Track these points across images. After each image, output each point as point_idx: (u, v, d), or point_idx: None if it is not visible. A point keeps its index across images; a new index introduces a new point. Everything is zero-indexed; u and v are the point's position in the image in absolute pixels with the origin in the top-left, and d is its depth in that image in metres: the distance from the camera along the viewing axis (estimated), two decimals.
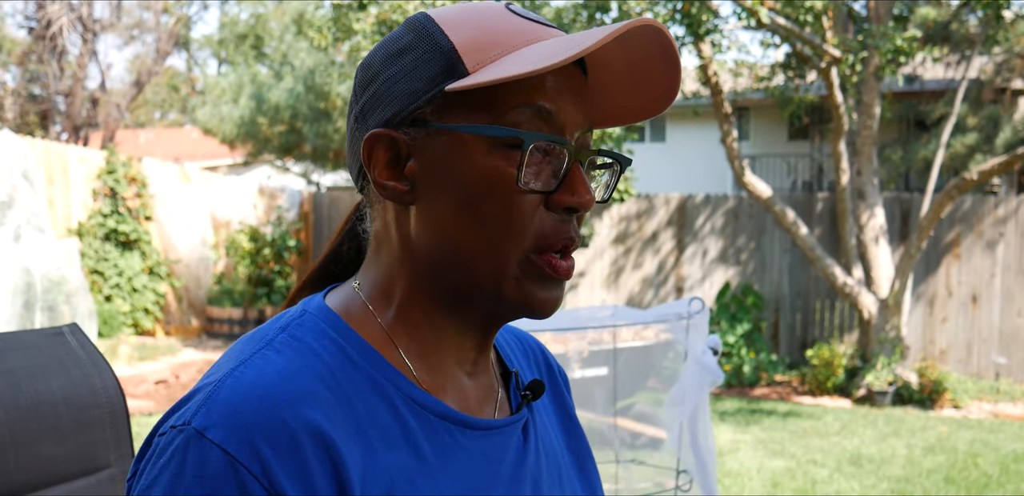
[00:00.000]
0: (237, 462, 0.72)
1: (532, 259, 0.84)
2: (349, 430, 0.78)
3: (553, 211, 0.84)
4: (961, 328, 9.88)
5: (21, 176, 8.43)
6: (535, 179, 0.83)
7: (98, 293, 9.95)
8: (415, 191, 0.86)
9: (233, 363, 0.81)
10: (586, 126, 0.87)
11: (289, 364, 0.79)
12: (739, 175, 9.27)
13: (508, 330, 1.09)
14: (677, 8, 8.20)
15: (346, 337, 0.85)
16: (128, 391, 7.34)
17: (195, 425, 0.74)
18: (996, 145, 13.36)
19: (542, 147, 0.83)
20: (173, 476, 0.73)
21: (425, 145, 0.85)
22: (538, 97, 0.83)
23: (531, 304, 0.85)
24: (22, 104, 21.46)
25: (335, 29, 8.91)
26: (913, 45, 8.06)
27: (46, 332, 1.55)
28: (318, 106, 15.74)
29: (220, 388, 0.77)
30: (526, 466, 0.90)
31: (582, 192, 0.84)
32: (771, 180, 17.68)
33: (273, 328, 0.85)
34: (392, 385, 0.84)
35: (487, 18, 0.86)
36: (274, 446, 0.73)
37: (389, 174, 0.87)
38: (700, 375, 3.04)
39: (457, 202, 0.84)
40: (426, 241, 0.86)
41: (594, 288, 11.43)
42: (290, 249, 12.17)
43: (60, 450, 1.43)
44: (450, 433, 0.85)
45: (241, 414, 0.74)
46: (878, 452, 6.64)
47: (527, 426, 0.94)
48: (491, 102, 0.83)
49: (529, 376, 1.03)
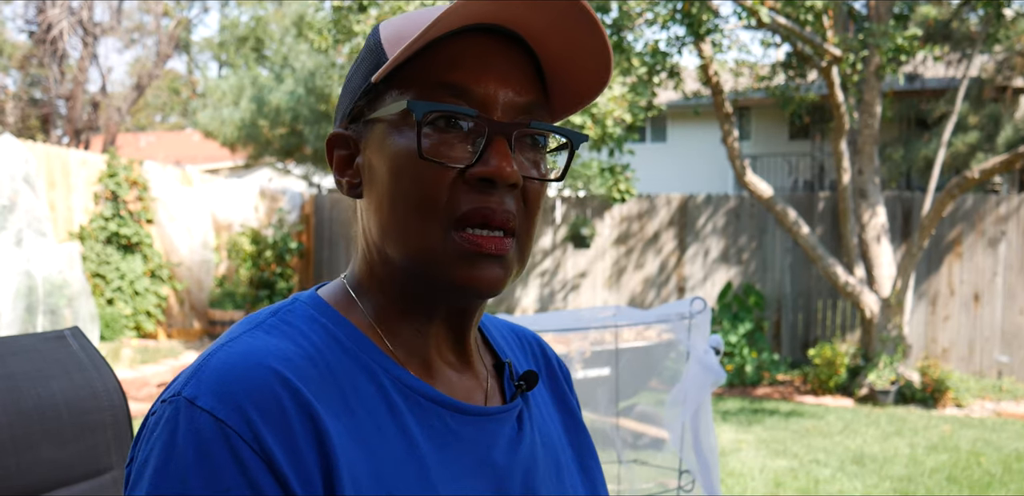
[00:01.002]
0: (227, 427, 0.72)
1: (453, 237, 0.82)
2: (335, 407, 0.78)
3: (470, 185, 0.82)
4: (963, 327, 9.87)
5: (22, 180, 8.44)
6: (447, 152, 0.82)
7: (100, 296, 9.96)
8: (363, 184, 0.88)
9: (224, 340, 0.82)
10: (526, 105, 0.85)
11: (278, 342, 0.80)
12: (740, 175, 9.26)
13: (503, 324, 1.08)
14: (677, 8, 8.20)
15: (336, 322, 0.86)
16: (130, 394, 7.35)
17: (185, 395, 0.75)
18: (997, 144, 13.35)
19: (448, 118, 0.82)
20: (166, 445, 0.73)
21: (365, 137, 0.88)
22: (451, 76, 0.83)
23: (460, 282, 0.83)
24: (23, 108, 21.47)
25: (335, 31, 8.92)
26: (914, 44, 8.06)
27: (48, 336, 1.55)
28: (319, 108, 15.74)
29: (209, 360, 0.78)
30: (519, 455, 0.89)
31: (496, 162, 0.81)
32: (772, 180, 17.67)
33: (264, 313, 0.86)
34: (381, 368, 0.84)
35: (424, 12, 0.87)
36: (262, 412, 0.74)
37: (343, 171, 0.90)
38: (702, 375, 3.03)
39: (382, 186, 0.85)
40: (374, 231, 0.87)
41: (596, 288, 11.43)
42: (292, 251, 12.17)
43: (62, 453, 1.43)
44: (440, 417, 0.85)
45: (229, 382, 0.75)
46: (881, 451, 6.64)
47: (521, 416, 0.93)
48: (410, 85, 0.84)
49: (524, 368, 1.02)
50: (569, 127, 0.91)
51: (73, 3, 19.49)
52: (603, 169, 9.71)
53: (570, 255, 11.57)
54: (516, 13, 0.82)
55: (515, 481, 0.88)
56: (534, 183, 0.86)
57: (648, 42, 8.92)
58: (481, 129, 0.83)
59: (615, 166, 9.44)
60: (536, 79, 0.88)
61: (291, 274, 12.37)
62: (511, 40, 0.86)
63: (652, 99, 8.74)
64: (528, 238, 0.88)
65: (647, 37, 13.22)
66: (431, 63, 0.83)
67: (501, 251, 0.83)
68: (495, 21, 0.84)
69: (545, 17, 0.83)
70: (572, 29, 0.84)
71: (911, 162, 14.66)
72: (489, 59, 0.84)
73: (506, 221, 0.83)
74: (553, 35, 0.85)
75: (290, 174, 19.88)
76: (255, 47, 21.22)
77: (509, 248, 0.84)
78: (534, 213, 0.87)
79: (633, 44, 8.83)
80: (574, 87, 0.89)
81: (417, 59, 0.83)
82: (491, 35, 0.85)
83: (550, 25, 0.84)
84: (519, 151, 0.85)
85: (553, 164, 0.93)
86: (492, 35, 0.85)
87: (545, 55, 0.87)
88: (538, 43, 0.86)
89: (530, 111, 0.86)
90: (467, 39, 0.84)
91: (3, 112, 20.67)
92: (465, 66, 0.83)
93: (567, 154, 0.90)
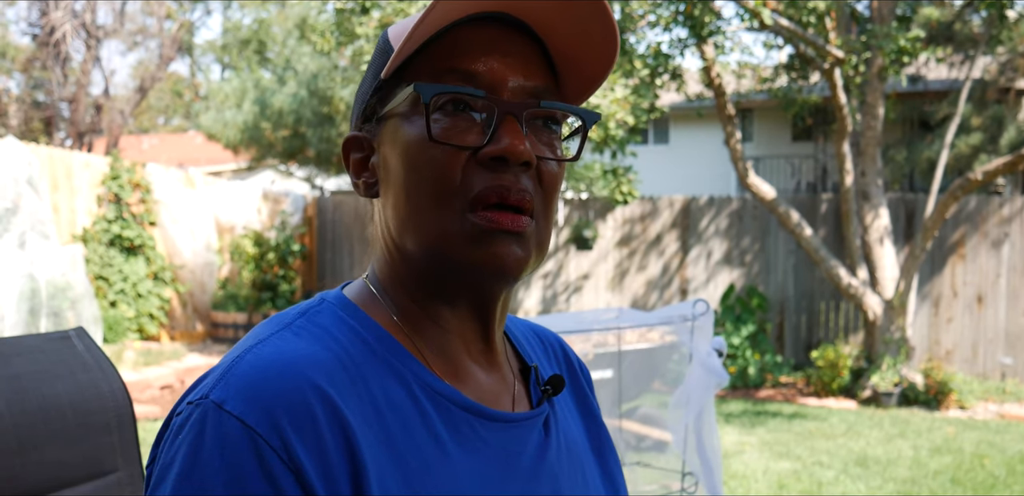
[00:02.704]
0: (256, 434, 0.71)
1: (469, 217, 0.82)
2: (365, 411, 0.77)
3: (483, 165, 0.82)
4: (967, 328, 9.86)
5: (26, 183, 8.45)
6: (459, 135, 0.82)
7: (103, 299, 9.97)
8: (379, 182, 0.88)
9: (252, 341, 0.81)
10: (535, 90, 0.85)
11: (308, 345, 0.79)
12: (743, 177, 9.26)
13: (525, 325, 1.07)
14: (680, 10, 8.19)
15: (364, 324, 0.85)
16: (133, 396, 7.35)
17: (213, 398, 0.74)
18: (1000, 145, 13.34)
19: (459, 102, 0.83)
20: (191, 449, 0.72)
21: (378, 136, 0.88)
22: (458, 61, 0.83)
23: (479, 261, 0.82)
24: (26, 111, 21.50)
25: (338, 33, 8.92)
26: (916, 45, 8.05)
27: (52, 336, 1.55)
28: (322, 110, 15.74)
29: (238, 363, 0.77)
30: (546, 461, 0.89)
31: (507, 141, 0.81)
32: (775, 181, 17.66)
33: (292, 313, 0.85)
34: (411, 372, 0.83)
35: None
36: (293, 420, 0.72)
37: (360, 173, 0.90)
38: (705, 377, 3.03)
39: (397, 178, 0.85)
40: (392, 225, 0.86)
41: (599, 290, 11.43)
42: (294, 253, 12.18)
43: (66, 454, 1.43)
44: (469, 423, 0.84)
45: (260, 388, 0.73)
46: (884, 453, 6.63)
47: (548, 421, 0.93)
48: (418, 75, 0.84)
49: (549, 371, 1.02)
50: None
51: (76, 6, 19.52)
52: (606, 171, 9.70)
53: (573, 257, 11.57)
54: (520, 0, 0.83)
55: (544, 487, 0.87)
56: (549, 164, 0.86)
57: (650, 44, 8.91)
58: (491, 110, 0.83)
59: (618, 168, 9.44)
60: (545, 65, 0.88)
61: (294, 276, 12.38)
62: (517, 28, 0.86)
63: (654, 101, 8.73)
64: (547, 222, 0.86)
65: (649, 39, 13.25)
66: (439, 53, 0.84)
67: (519, 227, 0.82)
68: (500, 9, 0.84)
69: (549, 1, 0.83)
70: (577, 12, 0.84)
71: (914, 164, 14.64)
72: (496, 45, 0.84)
73: (521, 199, 0.82)
74: (559, 20, 0.85)
75: (293, 176, 19.88)
76: (258, 49, 21.23)
77: (527, 225, 0.83)
78: (551, 195, 0.86)
79: (636, 46, 8.83)
80: (584, 71, 0.89)
81: (424, 51, 0.84)
82: (497, 24, 0.85)
83: (554, 9, 0.84)
84: (532, 134, 0.85)
85: (567, 150, 0.93)
86: (498, 24, 0.85)
87: (553, 41, 0.87)
88: (545, 29, 0.86)
89: (539, 95, 0.85)
90: (473, 28, 0.84)
91: (6, 115, 20.70)
92: (472, 52, 0.83)
93: (581, 134, 0.90)
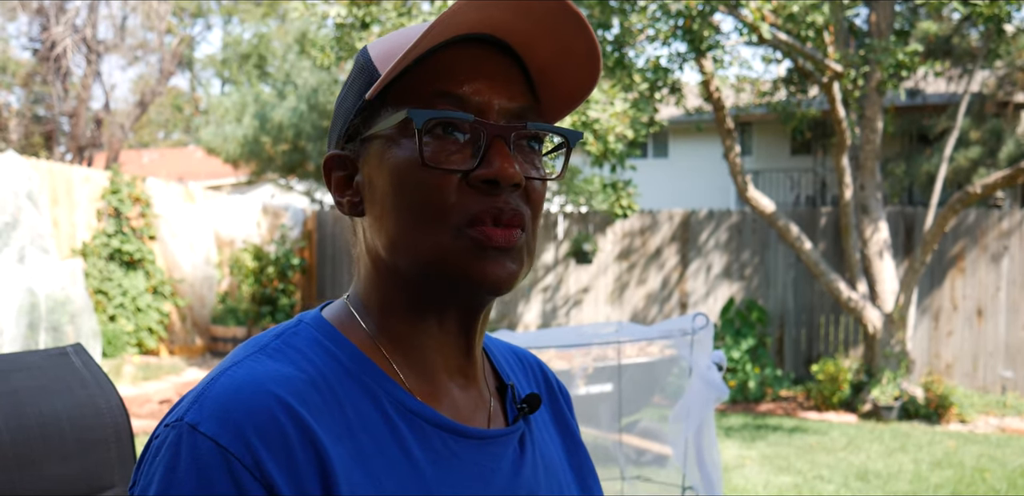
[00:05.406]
0: (229, 454, 0.73)
1: (465, 231, 0.83)
2: (338, 431, 0.79)
3: (475, 187, 0.84)
4: (967, 342, 9.85)
5: (25, 197, 8.46)
6: (448, 158, 0.84)
7: (102, 313, 9.95)
8: (363, 201, 0.89)
9: (227, 364, 0.83)
10: (519, 110, 0.87)
11: (281, 367, 0.81)
12: (742, 190, 9.27)
13: (505, 346, 1.08)
14: (679, 24, 8.22)
15: (339, 345, 0.86)
16: (132, 411, 7.34)
17: (188, 420, 0.76)
18: (999, 159, 13.36)
19: (447, 125, 0.84)
20: (167, 470, 0.74)
21: (363, 156, 0.88)
22: (445, 85, 0.84)
23: (475, 276, 0.84)
24: (27, 125, 21.53)
25: (338, 48, 8.95)
26: (915, 59, 8.08)
27: (50, 352, 1.55)
28: (321, 125, 15.78)
29: (212, 386, 0.79)
30: (521, 478, 0.90)
31: (498, 164, 0.83)
32: (774, 195, 17.69)
33: (268, 336, 0.87)
34: (384, 391, 0.84)
35: (409, 29, 0.88)
36: (264, 439, 0.74)
37: (343, 191, 0.91)
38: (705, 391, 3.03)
39: (386, 200, 0.86)
40: (381, 245, 0.87)
41: (598, 304, 11.42)
42: (294, 267, 12.17)
43: (64, 470, 1.43)
44: (443, 440, 0.85)
45: (231, 409, 0.76)
46: (885, 467, 6.61)
47: (523, 439, 0.94)
48: (404, 98, 0.85)
49: (527, 391, 1.03)
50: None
51: (77, 21, 19.59)
52: (605, 185, 9.72)
53: (572, 271, 11.57)
54: (503, 20, 0.84)
55: None
56: (535, 183, 0.88)
57: (649, 58, 8.95)
58: (479, 133, 0.84)
59: (617, 182, 9.46)
60: (526, 85, 0.89)
61: (293, 290, 12.37)
62: (500, 48, 0.88)
63: (654, 115, 8.76)
64: (533, 237, 0.89)
65: (648, 53, 13.29)
66: (424, 75, 0.85)
67: (511, 243, 0.84)
68: (483, 30, 0.85)
69: (532, 22, 0.84)
70: (560, 31, 0.85)
71: (913, 177, 14.67)
72: (481, 68, 0.86)
73: (514, 219, 0.85)
74: (542, 39, 0.86)
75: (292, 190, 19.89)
76: (258, 64, 21.30)
77: (518, 239, 0.85)
78: (538, 210, 0.89)
79: (635, 60, 8.85)
80: (564, 89, 0.91)
81: (409, 73, 0.85)
82: (480, 44, 0.86)
83: (538, 29, 0.85)
84: (518, 153, 0.87)
85: (551, 167, 0.95)
86: (481, 44, 0.86)
87: (534, 60, 0.89)
88: (527, 49, 0.88)
89: (523, 116, 0.87)
90: (457, 50, 0.85)
91: (7, 129, 20.73)
92: (458, 75, 0.85)
93: (564, 153, 0.92)
